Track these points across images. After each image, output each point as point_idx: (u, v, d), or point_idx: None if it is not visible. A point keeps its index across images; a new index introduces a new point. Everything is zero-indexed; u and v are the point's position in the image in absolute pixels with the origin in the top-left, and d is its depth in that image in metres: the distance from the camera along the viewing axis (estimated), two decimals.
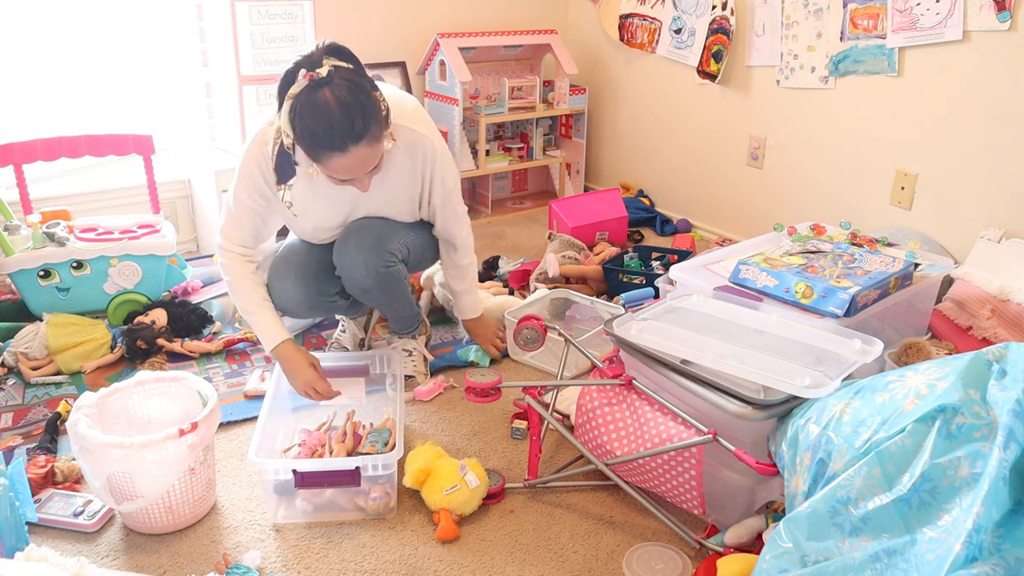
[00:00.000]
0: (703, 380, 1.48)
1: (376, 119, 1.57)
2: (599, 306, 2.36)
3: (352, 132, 1.53)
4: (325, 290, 1.96)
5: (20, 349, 2.15)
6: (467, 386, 1.74)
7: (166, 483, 1.53)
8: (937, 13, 2.34)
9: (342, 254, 1.88)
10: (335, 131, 1.52)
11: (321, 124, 1.52)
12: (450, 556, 1.55)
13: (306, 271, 1.92)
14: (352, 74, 1.56)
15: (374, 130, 1.57)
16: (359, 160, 1.58)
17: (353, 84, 1.54)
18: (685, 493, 1.54)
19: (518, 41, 3.47)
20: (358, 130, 1.53)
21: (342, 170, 1.60)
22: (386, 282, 1.89)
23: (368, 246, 1.85)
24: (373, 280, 1.85)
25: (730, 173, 3.18)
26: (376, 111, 1.57)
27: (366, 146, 1.57)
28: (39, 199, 2.62)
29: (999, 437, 1.06)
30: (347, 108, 1.52)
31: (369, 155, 1.59)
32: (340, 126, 1.52)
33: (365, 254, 1.84)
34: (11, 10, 2.73)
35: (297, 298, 1.93)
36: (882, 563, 1.10)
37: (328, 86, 1.52)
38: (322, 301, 1.97)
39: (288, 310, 1.96)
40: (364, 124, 1.54)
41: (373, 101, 1.57)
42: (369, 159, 1.60)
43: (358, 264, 1.85)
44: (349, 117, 1.52)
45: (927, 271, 2.02)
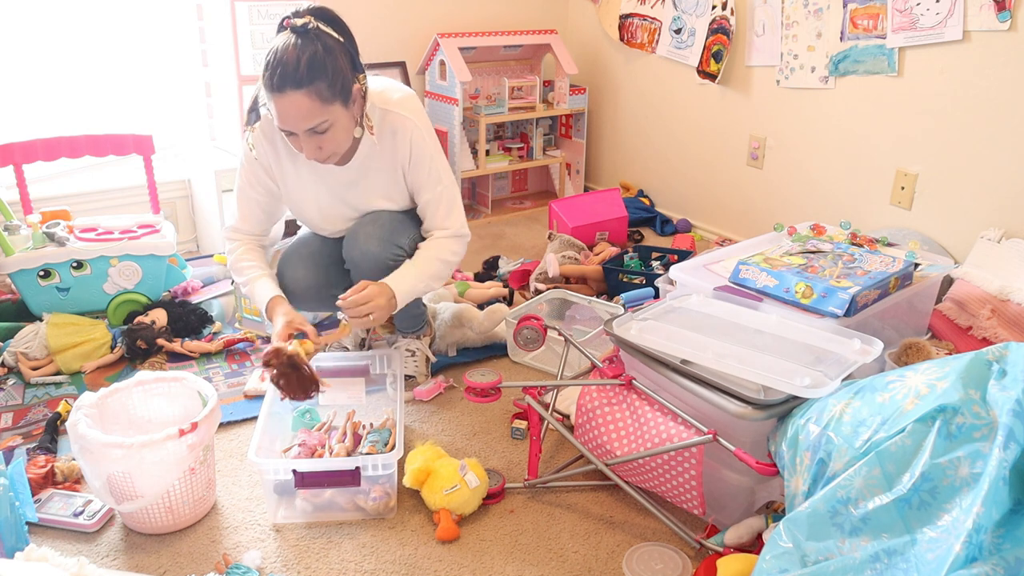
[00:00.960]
0: (703, 380, 1.48)
1: (327, 79, 1.57)
2: (599, 306, 2.36)
3: (293, 76, 1.54)
4: (333, 283, 1.96)
5: (20, 349, 2.15)
6: (467, 386, 1.74)
7: (166, 483, 1.53)
8: (937, 13, 2.34)
9: (351, 246, 1.88)
10: (278, 70, 1.55)
11: (273, 63, 1.56)
12: (450, 556, 1.55)
13: (316, 263, 1.94)
14: (329, 39, 1.60)
15: (319, 87, 1.57)
16: (295, 108, 1.57)
17: (322, 44, 1.57)
18: (685, 493, 1.54)
19: (518, 41, 3.47)
20: (299, 76, 1.54)
21: (281, 115, 1.60)
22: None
23: (378, 238, 1.85)
24: (381, 273, 1.85)
25: (730, 173, 3.18)
26: (330, 74, 1.58)
27: (304, 96, 1.56)
28: (39, 199, 2.62)
29: (999, 437, 1.06)
30: (299, 55, 1.54)
31: (307, 109, 1.58)
32: (284, 66, 1.54)
33: (374, 246, 1.85)
34: (11, 10, 2.73)
35: (305, 289, 1.94)
36: (882, 563, 1.10)
37: (298, 34, 1.57)
38: (330, 294, 1.97)
39: (294, 300, 1.97)
40: (308, 74, 1.55)
41: (335, 66, 1.59)
42: (306, 113, 1.59)
43: (367, 256, 1.85)
44: (296, 61, 1.54)
45: (927, 271, 2.02)
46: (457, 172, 3.36)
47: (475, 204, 3.71)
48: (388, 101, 1.77)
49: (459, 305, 2.34)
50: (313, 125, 1.61)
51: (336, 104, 1.62)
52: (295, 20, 1.58)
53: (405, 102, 1.80)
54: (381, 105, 1.76)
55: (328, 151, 1.69)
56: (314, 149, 1.66)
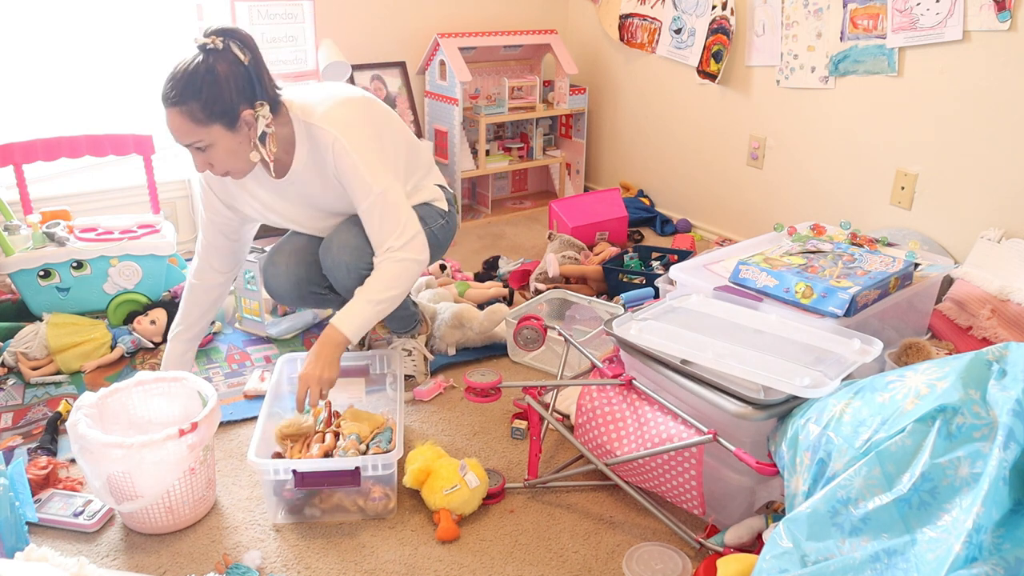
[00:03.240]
0: (703, 380, 1.48)
1: (200, 101, 1.59)
2: (599, 306, 2.36)
3: (169, 93, 1.59)
4: (315, 281, 1.96)
5: (20, 349, 2.15)
6: (467, 386, 1.74)
7: (166, 483, 1.53)
8: (937, 13, 2.34)
9: (326, 255, 1.88)
10: (165, 85, 1.61)
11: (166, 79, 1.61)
12: (450, 556, 1.55)
13: (298, 260, 1.94)
14: (226, 63, 1.61)
15: (192, 107, 1.59)
16: (172, 123, 1.62)
17: (206, 66, 1.60)
18: (685, 493, 1.54)
19: (518, 41, 3.47)
20: (172, 96, 1.59)
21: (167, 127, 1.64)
22: None
23: (351, 247, 1.83)
24: (356, 282, 1.81)
25: (730, 173, 3.18)
26: (207, 97, 1.59)
27: (178, 115, 1.60)
28: (39, 199, 2.62)
29: (999, 437, 1.06)
30: (179, 74, 1.59)
31: (180, 127, 1.61)
32: (168, 82, 1.60)
33: (347, 256, 1.83)
34: (11, 10, 2.73)
35: (287, 286, 1.95)
36: (882, 563, 1.10)
37: (199, 52, 1.60)
38: (311, 292, 1.98)
39: (278, 298, 1.98)
40: (180, 94, 1.58)
41: (215, 89, 1.59)
42: (180, 131, 1.62)
43: (340, 265, 1.84)
44: (173, 80, 1.59)
45: (927, 271, 2.02)
46: (457, 172, 3.37)
47: (475, 204, 3.71)
48: (311, 115, 1.72)
49: (459, 305, 2.34)
50: (190, 142, 1.64)
51: (215, 126, 1.62)
52: (200, 38, 1.61)
53: (329, 113, 1.73)
54: (304, 119, 1.73)
55: (221, 168, 1.70)
56: (203, 164, 1.69)
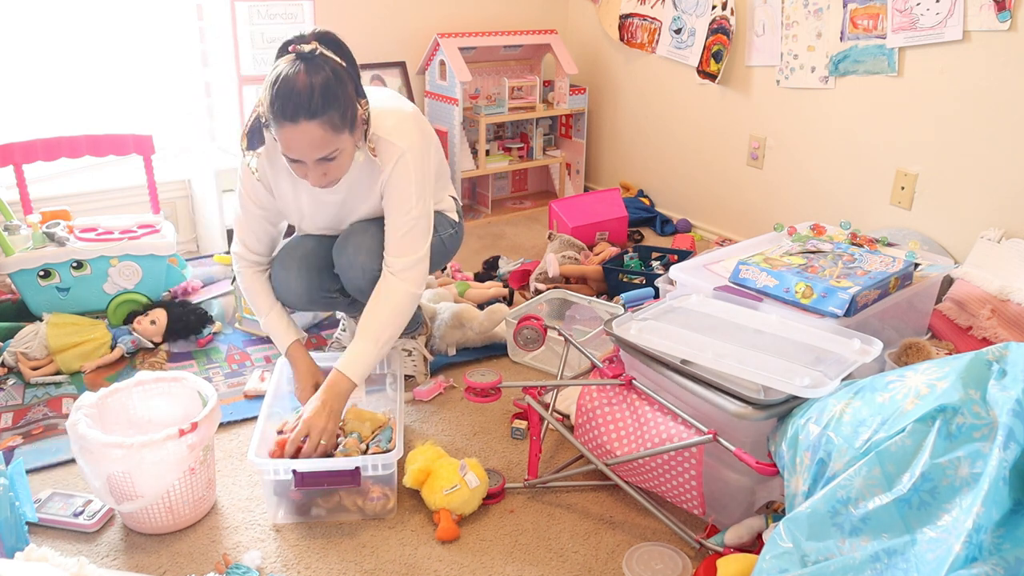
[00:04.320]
0: (703, 380, 1.48)
1: (339, 109, 1.57)
2: (599, 306, 2.36)
3: (307, 106, 1.53)
4: (326, 285, 1.96)
5: (20, 349, 2.15)
6: (467, 386, 1.74)
7: (166, 483, 1.53)
8: (937, 13, 2.34)
9: (340, 254, 1.88)
10: (292, 99, 1.53)
11: (283, 90, 1.53)
12: (450, 556, 1.55)
13: (310, 264, 1.93)
14: (337, 66, 1.58)
15: (332, 116, 1.56)
16: (308, 138, 1.56)
17: (332, 71, 1.56)
18: (685, 493, 1.54)
19: (518, 41, 3.47)
20: (314, 107, 1.53)
21: (291, 145, 1.58)
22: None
23: (366, 248, 1.85)
24: (369, 283, 1.84)
25: (730, 173, 3.18)
26: (343, 104, 1.57)
27: (318, 127, 1.55)
28: (39, 199, 2.62)
29: (999, 437, 1.06)
30: (313, 84, 1.53)
31: (320, 139, 1.57)
32: (299, 97, 1.52)
33: (363, 256, 1.84)
34: (11, 10, 2.73)
35: (297, 291, 1.94)
36: (882, 563, 1.10)
37: (306, 62, 1.55)
38: (322, 296, 1.97)
39: (288, 301, 1.97)
40: (323, 104, 1.54)
41: (345, 95, 1.58)
42: (319, 143, 1.57)
43: (355, 265, 1.85)
44: (311, 91, 1.53)
45: (927, 271, 2.02)
46: (457, 172, 3.37)
47: (475, 204, 3.71)
48: (382, 126, 1.73)
49: (459, 305, 2.34)
50: (325, 154, 1.60)
51: (345, 132, 1.61)
52: (301, 46, 1.55)
53: (399, 128, 1.75)
54: (375, 130, 1.72)
55: (332, 177, 1.67)
56: (320, 176, 1.65)
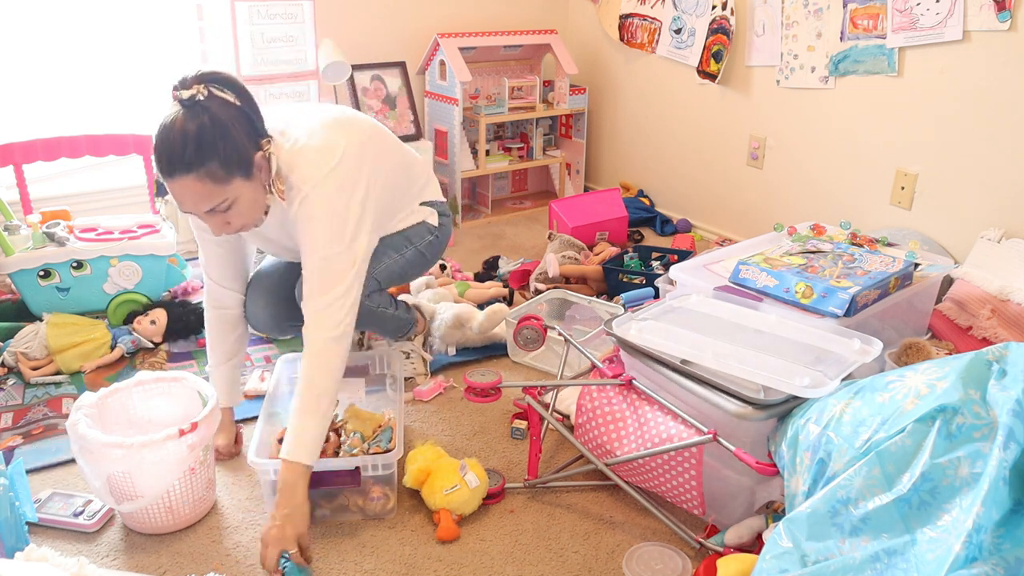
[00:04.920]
0: (703, 380, 1.48)
1: (219, 158, 1.43)
2: (599, 306, 2.36)
3: (181, 159, 1.41)
4: (292, 316, 1.81)
5: (20, 349, 2.15)
6: (467, 386, 1.74)
7: (166, 483, 1.53)
8: (937, 13, 2.34)
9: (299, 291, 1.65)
10: (166, 153, 1.42)
11: (159, 143, 1.43)
12: (450, 556, 1.55)
13: (277, 299, 1.87)
14: (221, 108, 1.44)
15: (211, 167, 1.42)
16: (188, 192, 1.44)
17: (210, 118, 1.42)
18: (685, 493, 1.54)
19: (518, 41, 3.47)
20: (188, 159, 1.40)
21: (177, 198, 1.47)
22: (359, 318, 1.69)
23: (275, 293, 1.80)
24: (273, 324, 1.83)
25: (730, 173, 3.18)
26: (223, 152, 1.43)
27: (195, 180, 1.42)
28: (39, 199, 2.62)
29: (999, 437, 1.06)
30: (187, 135, 1.40)
31: (202, 192, 1.44)
32: (171, 149, 1.41)
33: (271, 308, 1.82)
34: (11, 10, 2.73)
35: (265, 320, 1.88)
36: (882, 563, 1.10)
37: (186, 109, 1.42)
38: (289, 325, 1.90)
39: (258, 328, 1.92)
40: (197, 156, 1.41)
41: (227, 141, 1.43)
42: (201, 196, 1.45)
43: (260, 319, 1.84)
44: (184, 143, 1.40)
45: (927, 271, 2.02)
46: (457, 172, 3.37)
47: (475, 204, 3.71)
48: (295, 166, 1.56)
49: (459, 305, 2.34)
50: (213, 206, 1.47)
51: (235, 180, 1.46)
52: (181, 92, 1.42)
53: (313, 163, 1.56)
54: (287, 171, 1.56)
55: (237, 225, 1.54)
56: (221, 226, 1.53)
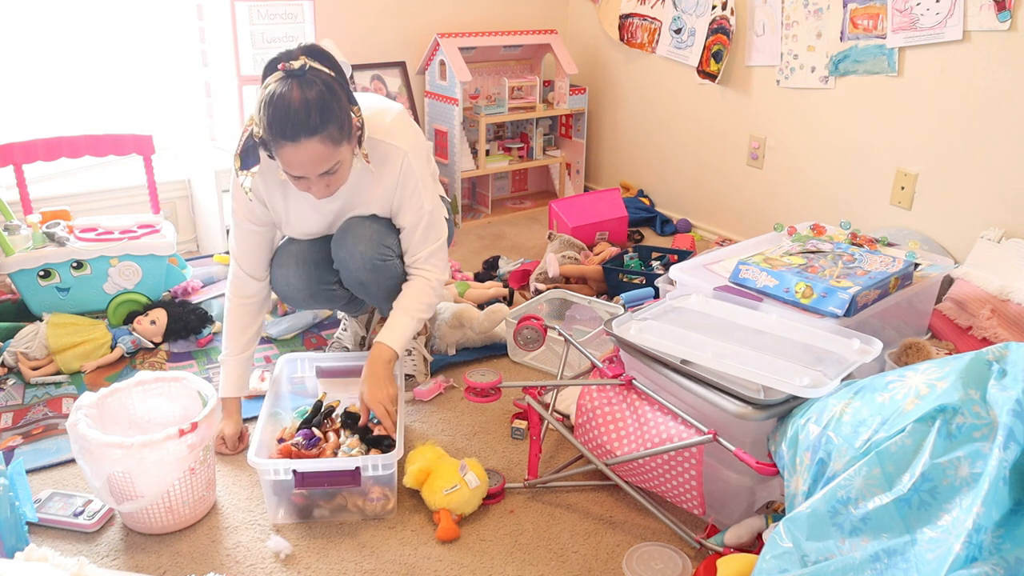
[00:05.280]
0: (703, 380, 1.48)
1: (337, 123, 1.58)
2: (599, 306, 2.36)
3: (307, 124, 1.54)
4: (325, 278, 1.95)
5: (20, 349, 2.15)
6: (467, 386, 1.74)
7: (166, 483, 1.53)
8: (937, 13, 2.34)
9: (340, 246, 1.88)
10: (290, 119, 1.53)
11: (280, 111, 1.54)
12: (450, 556, 1.55)
13: (307, 259, 1.93)
14: (327, 77, 1.59)
15: (331, 131, 1.57)
16: (309, 155, 1.57)
17: (324, 85, 1.57)
18: (685, 493, 1.54)
19: (518, 41, 3.47)
20: (313, 124, 1.54)
21: (293, 163, 1.59)
22: (382, 275, 1.89)
23: (366, 238, 1.85)
24: (369, 272, 1.85)
25: (730, 173, 3.18)
26: (339, 116, 1.58)
27: (319, 143, 1.56)
28: (39, 199, 2.62)
29: (999, 437, 1.06)
30: (308, 101, 1.54)
31: (322, 154, 1.58)
32: (296, 115, 1.53)
33: (362, 245, 1.85)
34: (11, 10, 2.73)
35: (297, 285, 1.93)
36: (882, 563, 1.10)
37: (298, 79, 1.55)
38: (322, 289, 1.97)
39: (289, 298, 1.97)
40: (321, 120, 1.54)
41: (340, 106, 1.59)
42: (321, 159, 1.59)
43: (355, 255, 1.85)
44: (307, 109, 1.53)
45: (927, 271, 2.02)
46: (457, 172, 3.37)
47: (475, 204, 3.71)
48: (379, 128, 1.76)
49: (459, 305, 2.34)
50: (327, 168, 1.61)
51: (344, 144, 1.62)
52: (290, 63, 1.56)
53: (396, 126, 1.79)
54: (372, 134, 1.75)
55: (334, 187, 1.69)
56: (323, 189, 1.66)
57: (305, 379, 2.01)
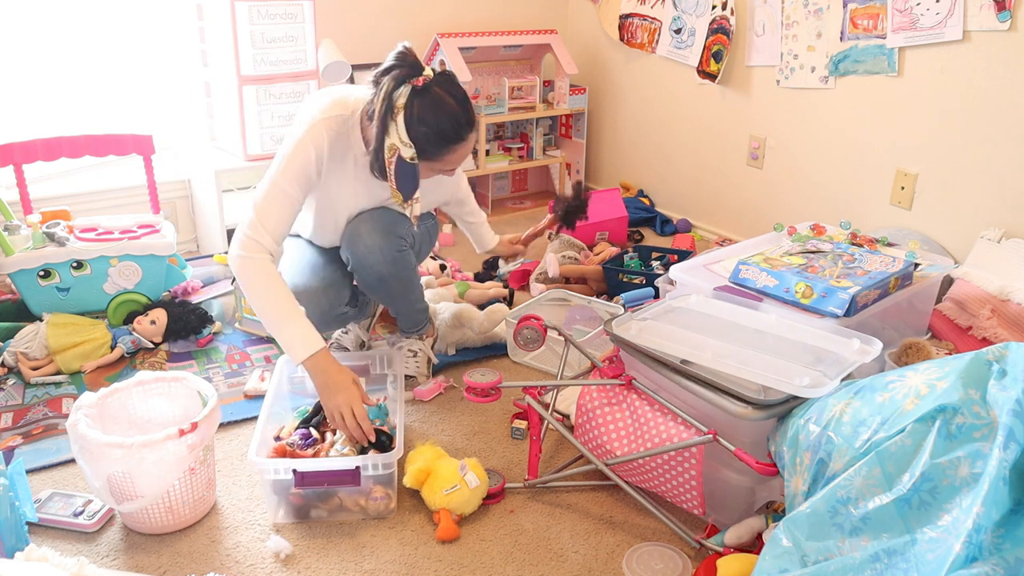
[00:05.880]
0: (703, 380, 1.48)
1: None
2: (599, 306, 2.36)
3: (470, 121, 1.69)
4: (336, 304, 1.96)
5: (20, 349, 2.15)
6: (467, 386, 1.74)
7: (166, 483, 1.53)
8: (937, 13, 2.34)
9: (355, 243, 1.87)
10: (459, 122, 1.67)
11: (447, 119, 1.65)
12: (450, 556, 1.55)
13: (316, 289, 1.90)
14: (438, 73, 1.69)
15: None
16: (470, 146, 1.74)
17: (449, 78, 1.69)
18: (685, 493, 1.54)
19: (518, 41, 3.47)
20: (471, 118, 1.69)
21: (458, 160, 1.74)
22: (401, 267, 1.90)
23: (381, 231, 1.86)
24: (389, 265, 1.86)
25: (730, 173, 3.18)
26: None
27: (475, 133, 1.73)
28: (39, 199, 2.62)
29: (999, 437, 1.06)
30: (460, 100, 1.67)
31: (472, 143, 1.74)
32: (462, 117, 1.67)
33: (379, 239, 1.85)
34: (11, 10, 2.73)
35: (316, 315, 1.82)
36: (882, 563, 1.10)
37: (437, 85, 1.65)
38: (335, 316, 1.98)
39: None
40: (473, 114, 1.71)
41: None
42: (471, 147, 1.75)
43: (373, 250, 1.85)
44: (465, 107, 1.68)
45: (927, 271, 2.02)
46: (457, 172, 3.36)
47: None
48: None
49: (459, 305, 2.34)
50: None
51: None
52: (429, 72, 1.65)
53: None
54: None
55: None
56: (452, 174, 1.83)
57: (305, 379, 2.00)
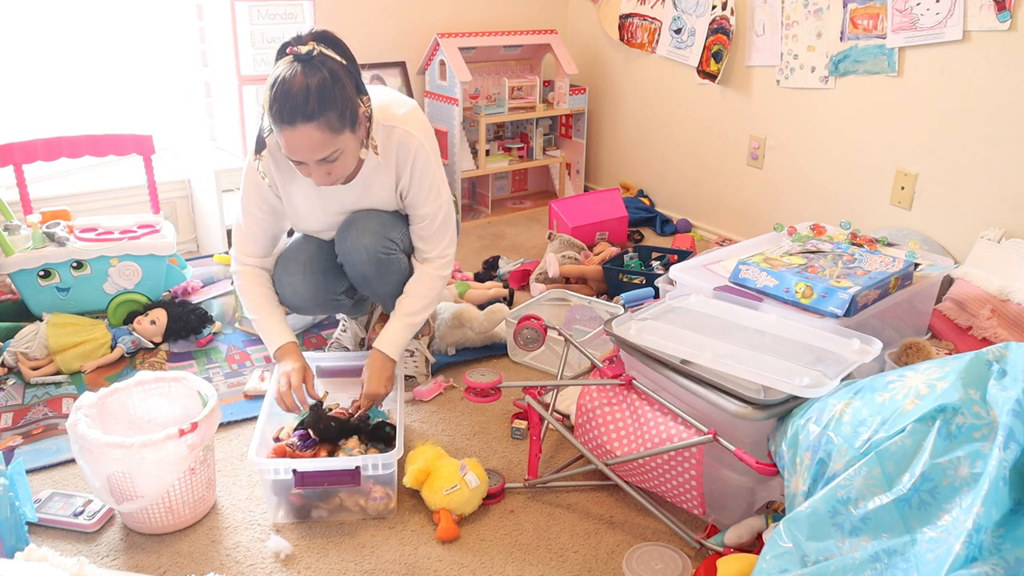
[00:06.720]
0: (703, 380, 1.48)
1: (337, 110, 1.57)
2: (599, 306, 2.36)
3: (304, 109, 1.53)
4: (332, 288, 1.97)
5: (20, 349, 2.15)
6: (467, 386, 1.74)
7: (166, 483, 1.53)
8: (937, 13, 2.34)
9: (344, 240, 1.88)
10: (289, 102, 1.53)
11: (280, 94, 1.54)
12: (450, 556, 1.55)
13: (314, 268, 1.93)
14: (335, 65, 1.58)
15: (330, 118, 1.56)
16: (306, 141, 1.57)
17: (329, 72, 1.56)
18: (685, 493, 1.54)
19: (518, 41, 3.47)
20: (310, 110, 1.53)
21: (291, 147, 1.59)
22: (386, 269, 1.89)
23: (370, 231, 1.86)
24: (373, 266, 1.86)
25: (730, 173, 3.18)
26: (340, 104, 1.57)
27: (316, 129, 1.56)
28: (39, 199, 2.62)
29: (999, 437, 1.06)
30: (309, 86, 1.53)
31: (319, 141, 1.57)
32: (295, 99, 1.53)
33: (367, 239, 1.85)
34: (11, 10, 2.73)
35: (304, 295, 1.94)
36: (882, 563, 1.10)
37: (304, 63, 1.55)
38: (328, 299, 1.98)
39: (294, 306, 1.98)
40: (319, 106, 1.54)
41: (343, 94, 1.58)
42: (318, 145, 1.58)
43: (359, 249, 1.86)
44: (307, 94, 1.53)
45: (927, 271, 2.02)
46: (457, 172, 3.37)
47: (475, 204, 3.71)
48: (393, 117, 1.76)
49: (459, 305, 2.34)
50: (325, 155, 1.61)
51: (345, 132, 1.61)
52: (299, 48, 1.56)
53: (410, 118, 1.79)
54: (385, 122, 1.75)
55: (336, 176, 1.68)
56: (323, 176, 1.66)
57: None
